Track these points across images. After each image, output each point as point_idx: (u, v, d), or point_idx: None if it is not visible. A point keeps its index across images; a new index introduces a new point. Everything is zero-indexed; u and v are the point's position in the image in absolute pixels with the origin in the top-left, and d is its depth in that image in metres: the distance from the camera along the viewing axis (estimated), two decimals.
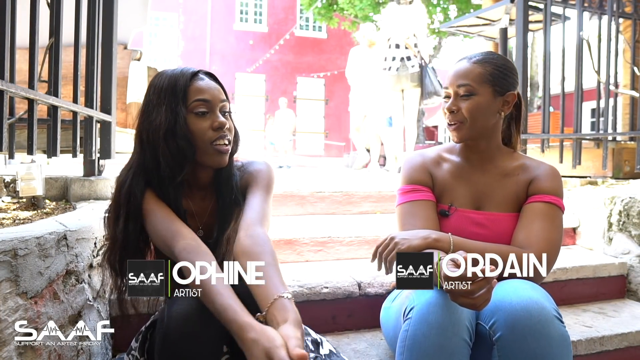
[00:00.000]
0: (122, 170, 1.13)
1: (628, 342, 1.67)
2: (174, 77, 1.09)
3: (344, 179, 3.73)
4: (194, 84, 1.09)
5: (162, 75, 1.11)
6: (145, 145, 1.09)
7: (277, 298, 0.87)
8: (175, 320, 0.92)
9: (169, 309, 0.94)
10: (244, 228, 1.04)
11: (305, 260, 1.93)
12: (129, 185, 1.08)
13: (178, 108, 1.06)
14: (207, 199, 1.20)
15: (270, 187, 1.19)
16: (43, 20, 1.45)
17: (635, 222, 2.06)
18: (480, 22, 4.22)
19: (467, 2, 10.29)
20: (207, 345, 0.93)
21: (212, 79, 1.14)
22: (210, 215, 1.19)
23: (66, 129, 1.67)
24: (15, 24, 1.29)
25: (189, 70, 1.11)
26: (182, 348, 0.91)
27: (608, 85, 2.88)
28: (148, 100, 1.11)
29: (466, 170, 1.33)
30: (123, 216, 1.07)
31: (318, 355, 1.15)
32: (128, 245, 1.07)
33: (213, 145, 1.09)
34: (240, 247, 1.00)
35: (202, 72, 1.13)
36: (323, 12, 11.62)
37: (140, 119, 1.11)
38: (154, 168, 1.09)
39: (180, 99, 1.07)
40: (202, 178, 1.17)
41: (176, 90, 1.07)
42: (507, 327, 1.00)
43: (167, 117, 1.06)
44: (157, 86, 1.10)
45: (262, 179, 1.18)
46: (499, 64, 1.25)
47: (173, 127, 1.06)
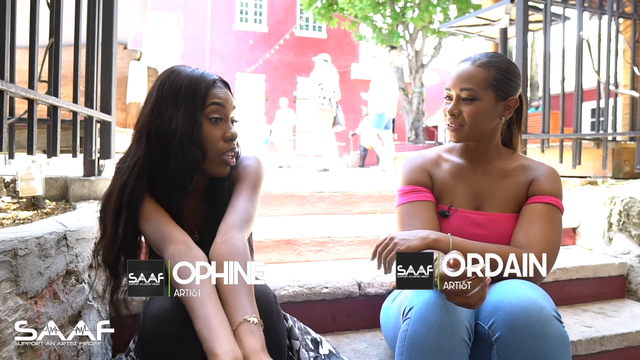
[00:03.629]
0: (121, 166, 1.08)
1: (628, 342, 1.67)
2: (194, 81, 1.06)
3: (344, 179, 3.73)
4: (213, 90, 1.07)
5: (179, 75, 1.07)
6: (155, 144, 1.05)
7: (240, 323, 0.87)
8: (149, 322, 0.91)
9: (144, 310, 0.94)
10: (222, 232, 1.02)
11: (305, 260, 1.93)
12: (132, 186, 1.04)
13: (196, 114, 1.04)
14: (202, 202, 1.18)
15: (258, 184, 1.16)
16: (43, 20, 1.45)
17: (635, 222, 2.06)
18: (480, 22, 4.22)
19: (467, 2, 10.27)
20: (185, 346, 0.91)
21: (227, 88, 1.12)
22: (205, 219, 1.18)
23: (66, 129, 1.67)
24: (15, 24, 1.29)
25: (209, 77, 1.08)
26: (159, 349, 0.90)
27: (608, 85, 2.88)
28: (160, 98, 1.05)
29: (466, 170, 1.33)
30: (125, 217, 1.03)
31: (318, 355, 1.15)
32: (127, 246, 1.05)
33: (222, 156, 1.08)
34: (215, 254, 0.98)
35: (220, 80, 1.11)
36: (323, 12, 11.60)
37: (149, 116, 1.06)
38: (161, 170, 1.06)
39: (199, 104, 1.05)
40: (199, 183, 1.15)
41: (196, 95, 1.04)
42: (506, 327, 1.00)
43: (185, 122, 1.03)
44: (173, 85, 1.05)
45: (250, 175, 1.15)
46: (503, 67, 1.24)
47: (190, 133, 1.03)
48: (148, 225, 1.04)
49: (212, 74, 1.11)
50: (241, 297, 0.90)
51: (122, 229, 1.03)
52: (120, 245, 1.04)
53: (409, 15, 10.58)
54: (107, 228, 1.05)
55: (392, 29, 10.94)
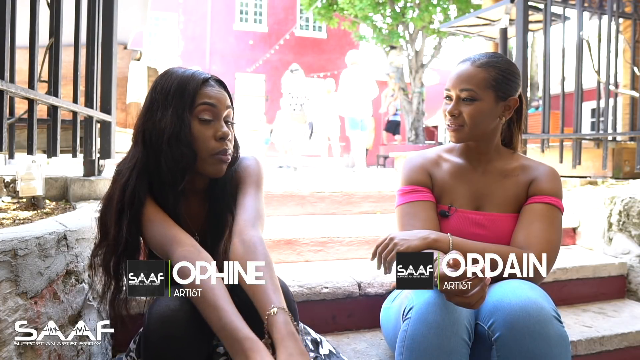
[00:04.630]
0: (121, 168, 1.08)
1: (628, 342, 1.68)
2: (183, 80, 1.05)
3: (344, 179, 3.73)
4: (203, 90, 1.06)
5: (170, 76, 1.07)
6: (149, 146, 1.06)
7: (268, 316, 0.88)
8: (154, 323, 0.91)
9: (149, 311, 0.94)
10: (238, 233, 1.02)
11: (305, 260, 1.93)
12: (133, 187, 1.03)
13: (184, 114, 1.03)
14: (202, 204, 1.17)
15: (260, 183, 1.16)
16: (43, 20, 1.45)
17: (635, 222, 2.06)
18: (480, 22, 4.22)
19: (467, 2, 10.26)
20: (190, 347, 0.91)
21: (221, 87, 1.11)
22: (206, 220, 1.17)
23: (66, 129, 1.67)
24: (15, 24, 1.29)
25: (200, 76, 1.07)
26: (163, 350, 0.90)
27: (608, 85, 2.88)
28: (153, 99, 1.06)
29: (466, 170, 1.33)
30: (127, 218, 1.02)
31: (318, 355, 1.15)
32: (129, 248, 1.03)
33: (214, 156, 1.07)
34: (234, 255, 0.99)
35: (213, 78, 1.09)
36: (323, 12, 11.59)
37: (144, 118, 1.07)
38: (156, 171, 1.06)
39: (187, 104, 1.04)
40: (198, 184, 1.15)
41: (184, 95, 1.04)
42: (505, 327, 1.00)
43: (173, 122, 1.03)
44: (164, 86, 1.06)
45: (252, 175, 1.15)
46: (503, 68, 1.24)
47: (178, 133, 1.03)
48: (152, 228, 1.03)
49: (205, 73, 1.09)
50: (268, 291, 0.91)
51: (125, 230, 1.02)
52: (123, 247, 1.02)
53: (409, 15, 10.56)
54: (109, 230, 1.04)
55: (392, 29, 10.93)
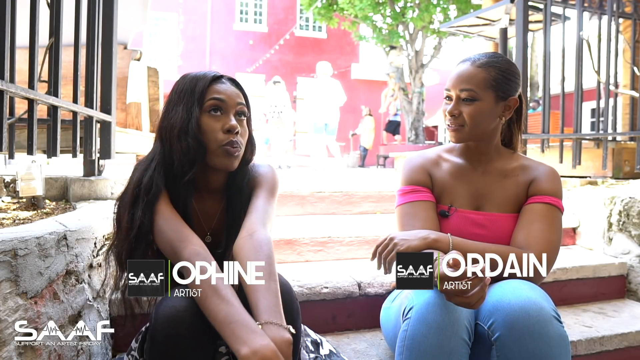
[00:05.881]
0: (140, 162, 1.13)
1: (628, 342, 1.68)
2: (195, 79, 1.11)
3: (344, 179, 3.73)
4: (213, 86, 1.11)
5: (185, 77, 1.14)
6: (165, 142, 1.11)
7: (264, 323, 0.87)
8: (161, 322, 0.92)
9: (156, 310, 0.94)
10: (246, 228, 1.05)
11: (305, 260, 1.93)
12: (150, 176, 1.07)
13: (193, 108, 1.08)
14: (217, 203, 1.19)
15: (275, 190, 1.20)
16: (43, 20, 1.45)
17: (635, 222, 2.06)
18: (480, 22, 4.22)
19: (467, 2, 10.25)
20: (196, 347, 0.92)
21: (233, 84, 1.15)
22: (219, 220, 1.19)
23: (66, 129, 1.67)
24: (15, 24, 1.29)
25: (210, 74, 1.13)
26: (169, 350, 0.90)
27: (608, 85, 2.88)
28: (170, 99, 1.13)
29: (466, 170, 1.33)
30: (142, 206, 1.04)
31: (318, 356, 1.15)
32: (141, 236, 1.03)
33: (222, 147, 1.09)
34: (239, 247, 1.01)
35: (225, 77, 1.15)
36: (323, 12, 11.58)
37: (162, 117, 1.13)
38: (170, 166, 1.10)
39: (196, 99, 1.09)
40: (213, 182, 1.17)
41: (195, 91, 1.09)
42: (505, 328, 1.00)
43: (182, 117, 1.08)
44: (179, 87, 1.12)
45: (267, 182, 1.19)
46: (503, 68, 1.24)
47: (186, 125, 1.07)
48: (165, 223, 1.03)
49: (217, 72, 1.15)
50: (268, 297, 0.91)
51: (139, 217, 1.03)
52: (136, 232, 1.02)
53: (409, 15, 10.56)
54: (122, 217, 1.06)
55: (392, 29, 10.93)
